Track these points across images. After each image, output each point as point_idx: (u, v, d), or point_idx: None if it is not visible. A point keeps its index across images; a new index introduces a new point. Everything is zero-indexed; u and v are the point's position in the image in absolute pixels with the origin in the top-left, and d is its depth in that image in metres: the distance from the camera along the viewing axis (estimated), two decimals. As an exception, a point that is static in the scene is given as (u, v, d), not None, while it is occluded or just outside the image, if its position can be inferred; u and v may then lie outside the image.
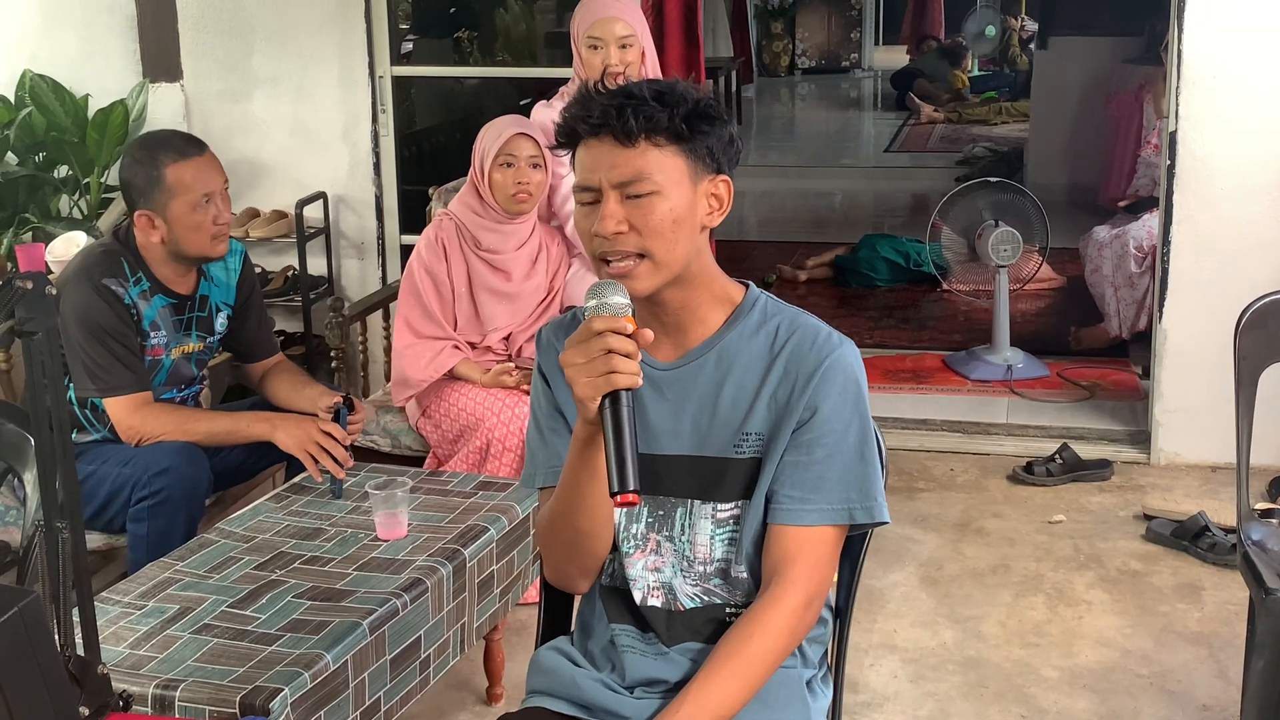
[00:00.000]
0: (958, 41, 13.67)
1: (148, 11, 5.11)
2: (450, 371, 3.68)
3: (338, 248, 5.17)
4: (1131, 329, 5.45)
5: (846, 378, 1.85)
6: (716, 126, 1.82)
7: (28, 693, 1.15)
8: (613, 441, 1.63)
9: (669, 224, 1.78)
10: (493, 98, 6.90)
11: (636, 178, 1.77)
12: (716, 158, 1.83)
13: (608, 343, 1.65)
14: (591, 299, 1.70)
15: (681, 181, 1.79)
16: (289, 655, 2.30)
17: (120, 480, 3.06)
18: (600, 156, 1.78)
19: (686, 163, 1.80)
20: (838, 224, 8.56)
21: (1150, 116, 6.56)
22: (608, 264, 1.80)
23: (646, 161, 1.77)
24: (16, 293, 1.51)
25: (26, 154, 5.04)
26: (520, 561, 2.98)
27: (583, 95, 1.81)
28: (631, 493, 1.61)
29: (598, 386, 1.65)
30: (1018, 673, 3.31)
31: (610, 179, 1.78)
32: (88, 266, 3.12)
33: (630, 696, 1.91)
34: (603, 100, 1.78)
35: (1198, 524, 3.90)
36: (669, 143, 1.78)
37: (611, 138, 1.77)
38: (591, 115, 1.78)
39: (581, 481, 1.79)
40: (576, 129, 1.80)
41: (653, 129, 1.77)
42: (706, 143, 1.81)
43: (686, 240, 1.81)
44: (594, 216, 1.79)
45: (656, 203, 1.77)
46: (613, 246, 1.78)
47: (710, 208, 1.84)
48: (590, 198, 1.80)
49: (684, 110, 1.78)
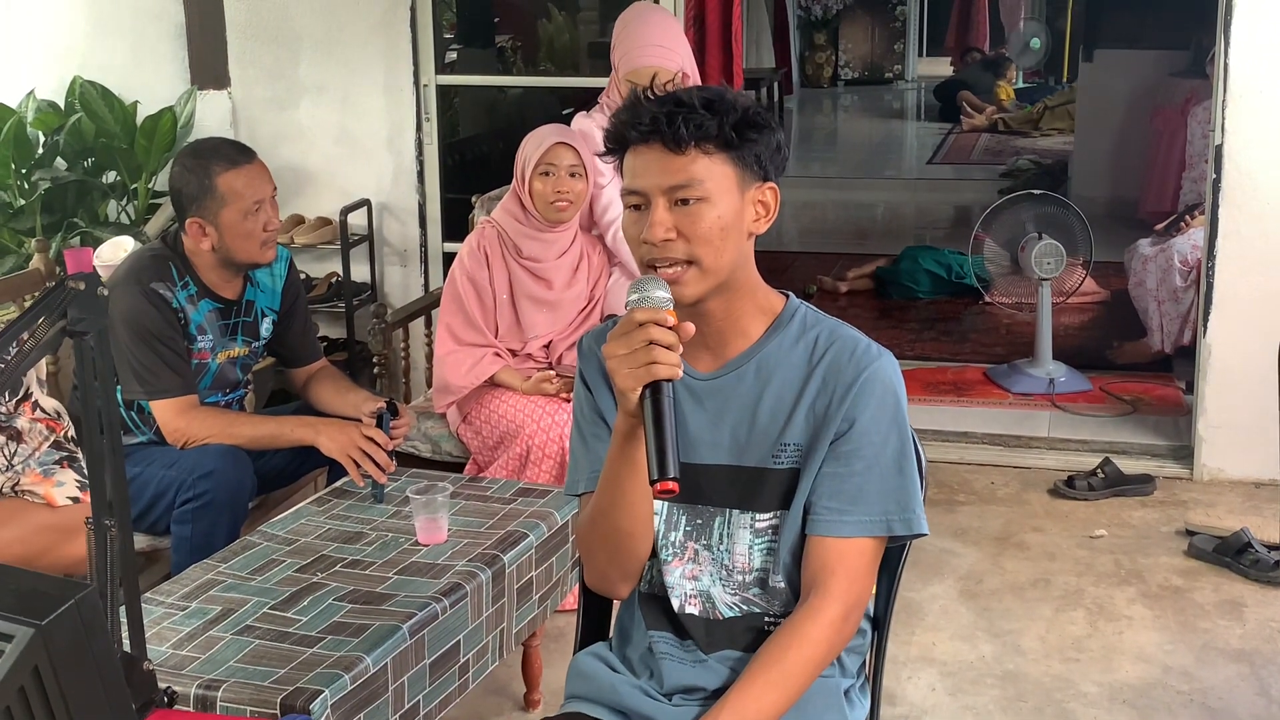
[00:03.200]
0: (1002, 53, 13.60)
1: (196, 19, 5.17)
2: (491, 378, 3.70)
3: (381, 255, 5.20)
4: (1175, 343, 5.41)
5: (885, 389, 1.85)
6: (764, 134, 1.82)
7: (83, 682, 1.17)
8: (652, 430, 1.64)
9: (717, 231, 1.79)
10: (535, 107, 6.91)
11: (686, 184, 1.78)
12: (764, 165, 1.83)
13: (650, 334, 1.66)
14: (634, 293, 1.71)
15: (730, 189, 1.80)
16: (329, 657, 2.32)
17: (165, 482, 3.09)
18: (650, 163, 1.79)
19: (735, 170, 1.80)
20: (879, 235, 8.54)
21: (1195, 131, 6.52)
22: (655, 270, 1.80)
23: (696, 168, 1.78)
24: (69, 293, 1.54)
25: (76, 159, 5.11)
26: (559, 568, 2.99)
27: (633, 101, 1.82)
28: (671, 480, 1.61)
29: (639, 377, 1.66)
30: (1057, 688, 3.29)
31: (659, 185, 1.78)
32: (136, 271, 3.16)
33: (669, 704, 1.92)
34: (653, 107, 1.79)
35: (1240, 540, 3.87)
36: (718, 150, 1.79)
37: (661, 144, 1.78)
38: (642, 121, 1.79)
39: (622, 476, 1.79)
40: (626, 135, 1.81)
41: (702, 136, 1.77)
42: (755, 150, 1.81)
43: (734, 247, 1.82)
44: (642, 223, 1.80)
45: (705, 210, 1.78)
46: (661, 253, 1.79)
47: (757, 215, 1.85)
48: (638, 201, 1.81)
49: (733, 118, 1.78)
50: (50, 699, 1.14)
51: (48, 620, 1.14)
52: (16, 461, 2.63)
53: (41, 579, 1.21)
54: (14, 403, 2.63)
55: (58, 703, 1.13)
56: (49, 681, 1.14)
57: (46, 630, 1.14)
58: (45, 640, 1.14)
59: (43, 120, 5.08)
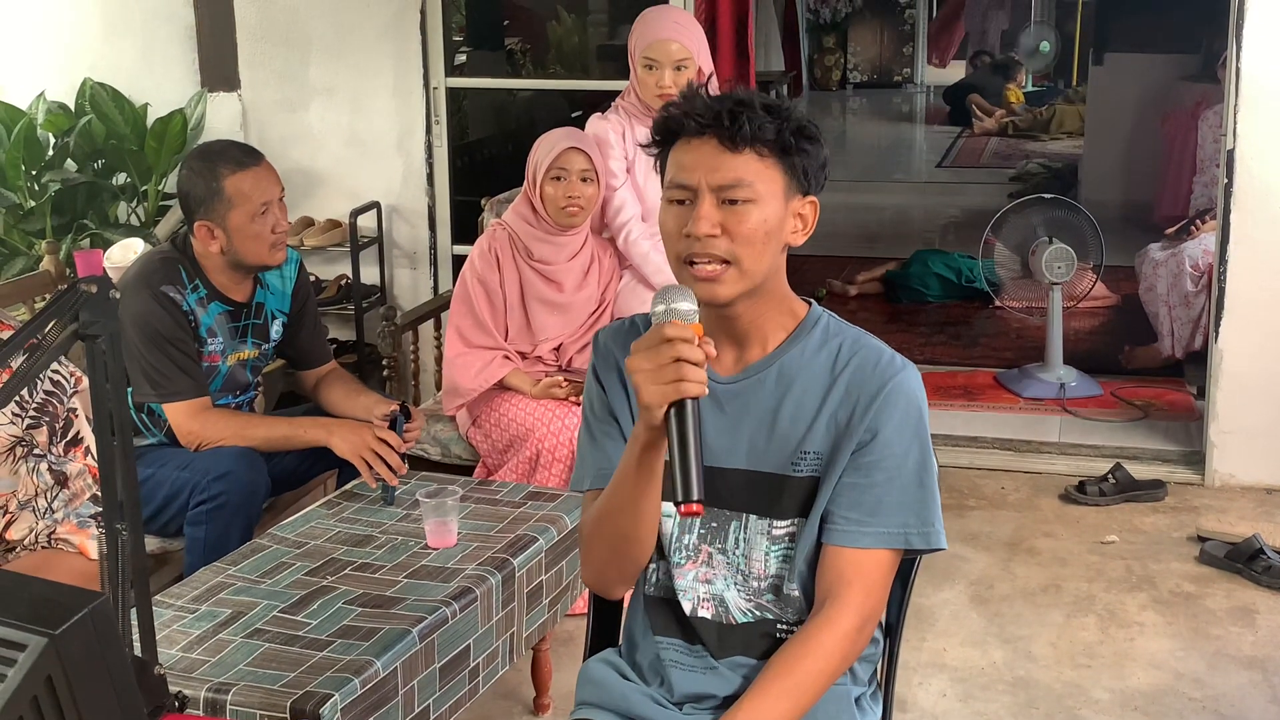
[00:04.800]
0: (1012, 57, 13.59)
1: (206, 22, 5.17)
2: (500, 382, 3.69)
3: (390, 257, 5.20)
4: (1186, 348, 5.39)
5: (909, 402, 1.84)
6: (815, 147, 1.82)
7: (96, 692, 1.16)
8: (679, 450, 1.62)
9: (761, 234, 1.78)
10: (545, 110, 6.92)
11: (737, 183, 1.77)
12: (809, 178, 1.83)
13: (678, 351, 1.64)
14: (659, 304, 1.69)
15: (777, 194, 1.80)
16: (339, 661, 2.32)
17: (178, 484, 3.09)
18: (702, 157, 1.78)
19: (784, 177, 1.80)
20: (889, 239, 8.53)
21: (1205, 135, 6.51)
22: (692, 266, 1.79)
23: (749, 169, 1.77)
24: (81, 296, 1.53)
25: (86, 161, 5.11)
26: (569, 572, 2.98)
27: (690, 93, 1.81)
28: (696, 502, 1.60)
29: (665, 394, 1.64)
30: (1068, 694, 3.28)
31: (710, 181, 1.77)
32: (146, 273, 3.16)
33: (679, 712, 1.91)
34: (714, 103, 1.78)
35: (1252, 546, 3.85)
36: (771, 154, 1.78)
37: (716, 140, 1.77)
38: (701, 114, 1.77)
39: (636, 484, 1.77)
40: (683, 125, 1.79)
41: (760, 138, 1.77)
42: (805, 161, 1.81)
43: (772, 254, 1.81)
44: (685, 217, 1.78)
45: (752, 211, 1.77)
46: (702, 249, 1.77)
47: (796, 227, 1.84)
48: (684, 196, 1.79)
49: (793, 125, 1.78)
50: (63, 708, 1.13)
51: (61, 630, 1.13)
52: (56, 506, 2.61)
53: (55, 588, 1.21)
54: (63, 445, 2.61)
55: (70, 712, 1.12)
56: (62, 691, 1.13)
57: (60, 640, 1.14)
58: (58, 650, 1.13)
59: (53, 122, 5.08)
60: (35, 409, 2.54)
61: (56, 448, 2.58)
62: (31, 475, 2.57)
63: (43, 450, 2.56)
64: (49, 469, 2.58)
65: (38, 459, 2.56)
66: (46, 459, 2.57)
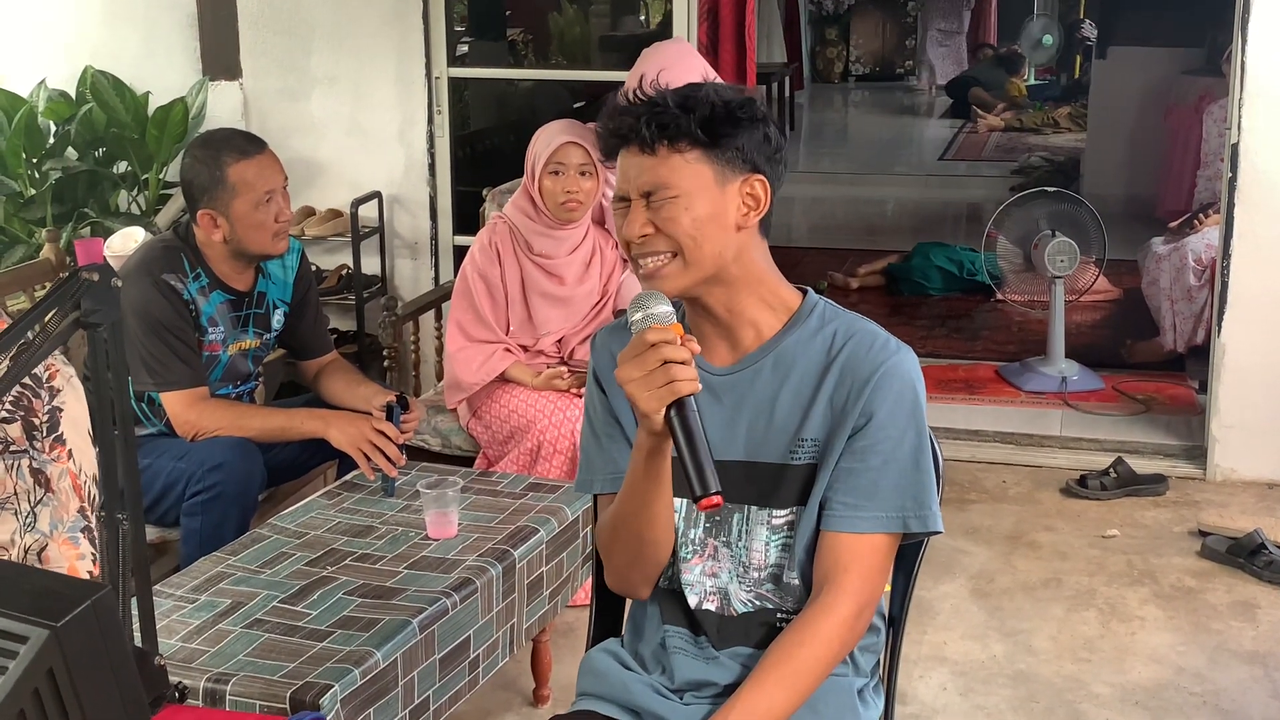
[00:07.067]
0: (1014, 50, 13.55)
1: (208, 10, 5.15)
2: (502, 374, 3.68)
3: (391, 247, 5.19)
4: (1188, 343, 5.38)
5: (903, 384, 1.83)
6: (744, 128, 1.81)
7: (98, 684, 1.15)
8: (686, 448, 1.63)
9: (690, 227, 1.79)
10: (546, 100, 6.91)
11: (656, 186, 1.79)
12: (750, 158, 1.82)
13: (663, 353, 1.65)
14: (636, 312, 1.70)
15: (706, 186, 1.79)
16: (339, 652, 2.31)
17: (175, 474, 3.08)
18: (628, 166, 1.82)
19: (711, 167, 1.80)
20: (890, 232, 8.51)
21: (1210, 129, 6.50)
22: (640, 265, 1.82)
23: (667, 169, 1.79)
24: (82, 284, 1.52)
25: (87, 149, 5.10)
26: (569, 564, 2.98)
27: (612, 107, 1.83)
28: (716, 494, 1.61)
29: (661, 398, 1.65)
30: (1069, 688, 3.27)
31: (636, 187, 1.80)
32: (148, 262, 3.15)
33: (679, 701, 1.91)
34: (631, 109, 1.80)
35: (1254, 541, 3.84)
36: (691, 148, 1.79)
37: (637, 147, 1.80)
38: (618, 128, 1.81)
39: (646, 489, 1.78)
40: (608, 138, 1.84)
41: (672, 135, 1.78)
42: (735, 144, 1.80)
43: (715, 241, 1.80)
44: (624, 221, 1.83)
45: (678, 208, 1.79)
46: (640, 249, 1.81)
47: (746, 207, 1.83)
48: (622, 204, 1.83)
49: (700, 115, 1.78)
50: (65, 701, 1.12)
51: (63, 622, 1.13)
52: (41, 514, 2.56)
53: (56, 579, 1.20)
54: (49, 440, 2.56)
55: (72, 704, 1.11)
56: (64, 683, 1.12)
57: (61, 632, 1.13)
58: (60, 642, 1.13)
59: (54, 110, 5.07)
60: (11, 403, 2.50)
61: (41, 443, 2.54)
62: (11, 473, 2.54)
63: (20, 446, 2.52)
64: (29, 467, 2.54)
65: (16, 455, 2.52)
66: (28, 454, 2.53)
